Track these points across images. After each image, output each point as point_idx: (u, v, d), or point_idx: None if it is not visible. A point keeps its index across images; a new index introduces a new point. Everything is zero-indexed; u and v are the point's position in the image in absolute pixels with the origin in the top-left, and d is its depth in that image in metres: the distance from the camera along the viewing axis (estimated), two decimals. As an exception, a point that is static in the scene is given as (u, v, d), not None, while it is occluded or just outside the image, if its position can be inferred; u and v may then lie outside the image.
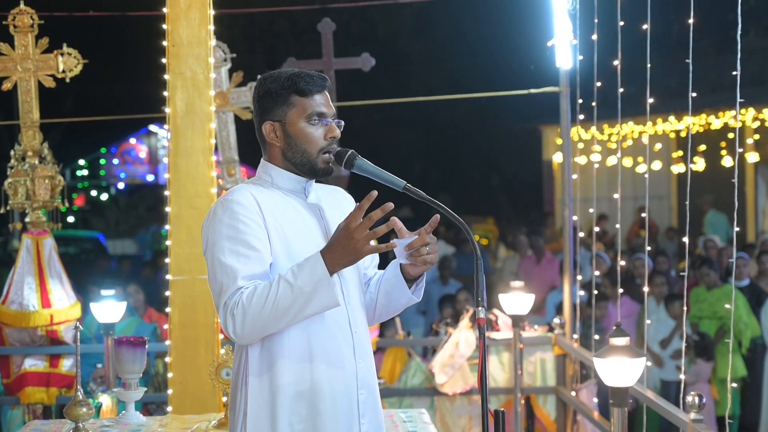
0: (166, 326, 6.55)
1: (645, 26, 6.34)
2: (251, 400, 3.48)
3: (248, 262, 3.40)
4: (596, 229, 8.74)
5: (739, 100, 5.40)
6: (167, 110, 6.41)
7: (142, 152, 33.25)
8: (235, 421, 3.54)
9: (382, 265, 3.74)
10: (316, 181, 3.72)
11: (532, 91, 8.55)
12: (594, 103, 7.29)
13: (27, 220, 7.89)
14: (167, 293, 6.40)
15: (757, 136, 18.20)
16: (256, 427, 3.47)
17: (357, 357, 3.56)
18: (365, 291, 3.71)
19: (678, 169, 19.54)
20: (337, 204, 3.72)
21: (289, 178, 3.61)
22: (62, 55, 7.85)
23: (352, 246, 3.29)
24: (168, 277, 6.37)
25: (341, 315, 3.54)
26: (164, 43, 6.44)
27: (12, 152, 7.96)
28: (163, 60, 6.45)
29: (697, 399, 5.11)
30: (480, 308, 3.23)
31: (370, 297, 3.71)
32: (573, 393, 7.85)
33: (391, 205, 3.27)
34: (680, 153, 19.68)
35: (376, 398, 3.64)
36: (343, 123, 3.63)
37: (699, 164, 17.68)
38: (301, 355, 3.47)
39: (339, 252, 3.31)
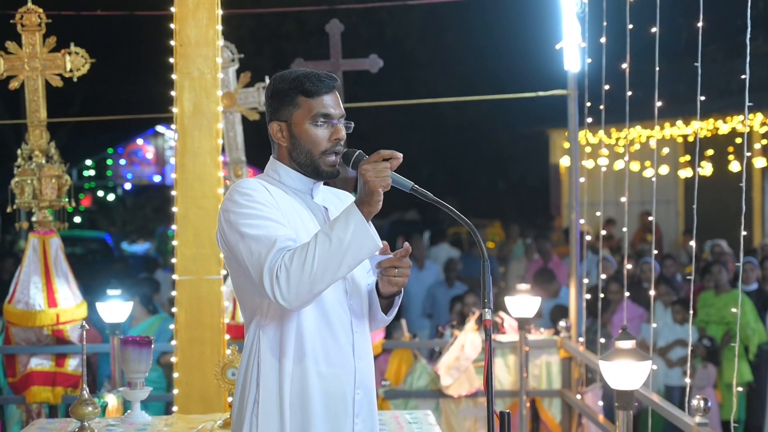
0: (171, 326, 6.55)
1: (654, 30, 6.32)
2: (263, 383, 3.47)
3: (279, 228, 3.39)
4: (603, 232, 8.72)
5: (747, 104, 5.39)
6: (174, 110, 6.41)
7: (149, 153, 33.25)
8: (244, 409, 3.52)
9: None
10: (324, 184, 3.71)
11: (540, 93, 8.54)
12: (602, 107, 7.27)
13: (34, 219, 7.89)
14: (173, 293, 6.41)
15: (764, 141, 18.17)
16: (266, 419, 3.46)
17: (356, 357, 3.56)
18: None
19: (685, 173, 19.52)
20: (342, 207, 3.70)
21: (297, 177, 3.60)
22: (70, 54, 7.84)
23: (368, 186, 3.29)
24: (174, 277, 6.37)
25: (344, 315, 3.55)
26: (172, 42, 6.43)
27: (19, 151, 7.96)
28: (171, 60, 6.44)
29: (702, 403, 5.09)
30: (486, 310, 3.23)
31: None
32: (578, 396, 7.83)
33: (399, 156, 3.33)
34: (688, 157, 19.66)
35: (372, 399, 3.64)
36: (353, 124, 3.61)
37: (706, 169, 17.67)
38: (303, 349, 3.47)
39: (362, 196, 3.31)
